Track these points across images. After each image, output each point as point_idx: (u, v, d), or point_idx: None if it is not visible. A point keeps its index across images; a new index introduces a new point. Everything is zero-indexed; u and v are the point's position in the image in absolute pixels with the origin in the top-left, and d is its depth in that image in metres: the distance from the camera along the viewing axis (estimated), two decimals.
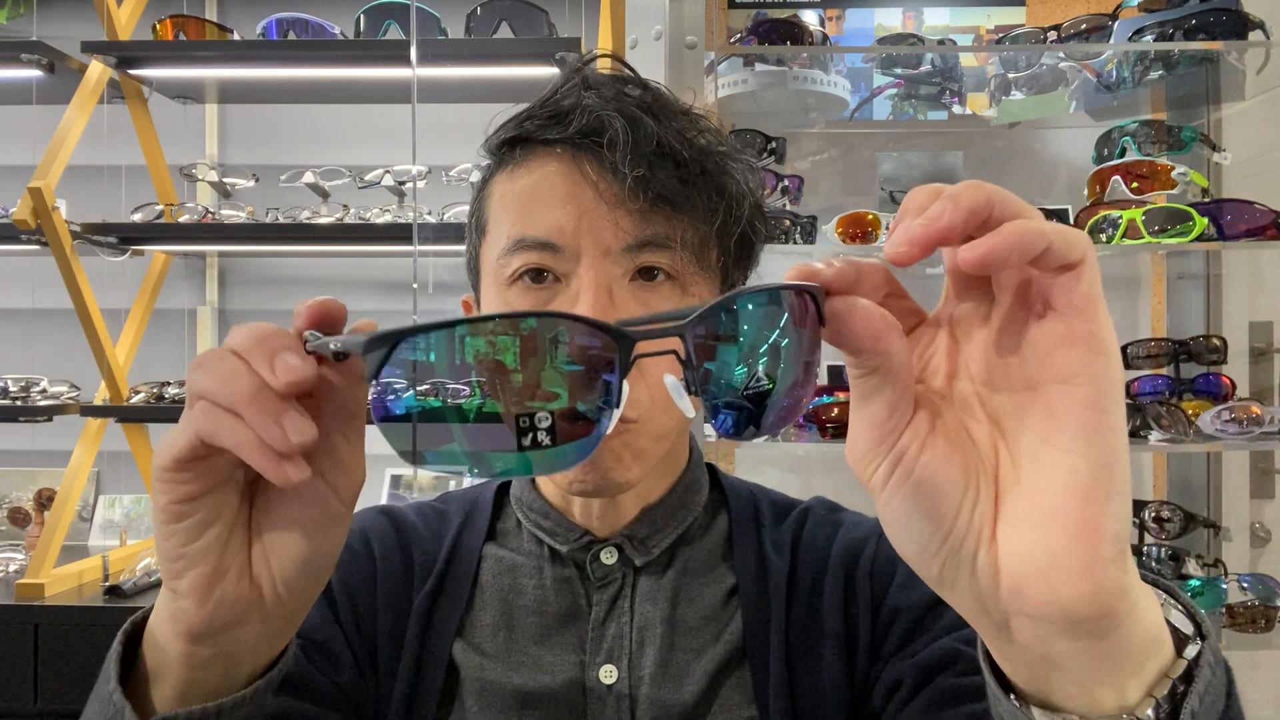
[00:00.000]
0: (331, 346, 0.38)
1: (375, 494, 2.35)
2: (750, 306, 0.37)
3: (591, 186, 0.58)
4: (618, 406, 0.36)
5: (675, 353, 0.36)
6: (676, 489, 0.70)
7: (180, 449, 0.39)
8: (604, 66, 0.67)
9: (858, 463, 0.38)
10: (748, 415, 0.38)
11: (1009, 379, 0.35)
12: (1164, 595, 0.38)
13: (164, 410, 2.05)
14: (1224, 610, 1.56)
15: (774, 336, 0.37)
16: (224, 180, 2.18)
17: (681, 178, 0.59)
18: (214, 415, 0.37)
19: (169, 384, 2.09)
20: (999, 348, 0.36)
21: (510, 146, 0.63)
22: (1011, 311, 0.36)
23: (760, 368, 0.38)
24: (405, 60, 1.83)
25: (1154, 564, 1.71)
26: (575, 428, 0.36)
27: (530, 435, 0.35)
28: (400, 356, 0.34)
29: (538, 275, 0.60)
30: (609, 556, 0.68)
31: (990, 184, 0.34)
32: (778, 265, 0.71)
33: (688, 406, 0.38)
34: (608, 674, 0.65)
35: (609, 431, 0.37)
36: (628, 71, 0.65)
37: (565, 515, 0.69)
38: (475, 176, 0.69)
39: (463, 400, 0.35)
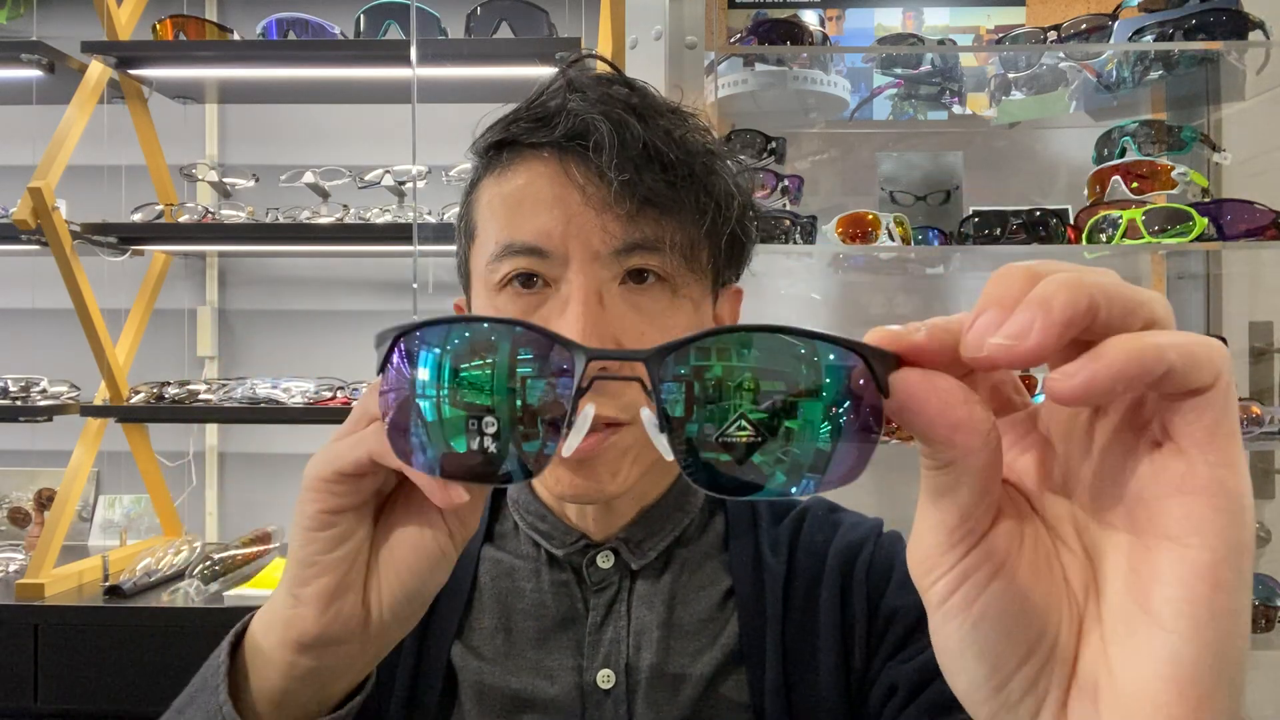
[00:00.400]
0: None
1: None
2: (748, 348, 0.30)
3: (578, 190, 0.58)
4: (569, 427, 0.34)
5: (641, 381, 0.32)
6: (673, 490, 0.70)
7: (347, 463, 0.42)
8: (599, 68, 0.67)
9: (917, 568, 0.31)
10: (730, 481, 0.31)
11: (1113, 513, 0.28)
12: None
13: (164, 410, 2.05)
14: None
15: (783, 389, 0.30)
16: (224, 180, 2.18)
17: (669, 180, 0.59)
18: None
19: (169, 384, 2.09)
20: (1102, 472, 0.28)
21: (497, 150, 0.63)
22: (1121, 429, 0.28)
23: (755, 420, 0.30)
24: (405, 60, 1.83)
25: None
26: (528, 443, 0.35)
27: (481, 446, 0.35)
28: (393, 358, 0.37)
29: (527, 280, 0.60)
30: (605, 560, 0.67)
31: (1095, 276, 0.26)
32: (778, 265, 0.71)
33: (665, 448, 0.32)
34: (605, 679, 0.65)
35: (565, 452, 0.35)
36: (614, 71, 0.65)
37: (562, 518, 0.69)
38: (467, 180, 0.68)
39: (429, 406, 0.36)
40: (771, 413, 0.30)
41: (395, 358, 0.36)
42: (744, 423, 0.30)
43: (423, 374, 0.35)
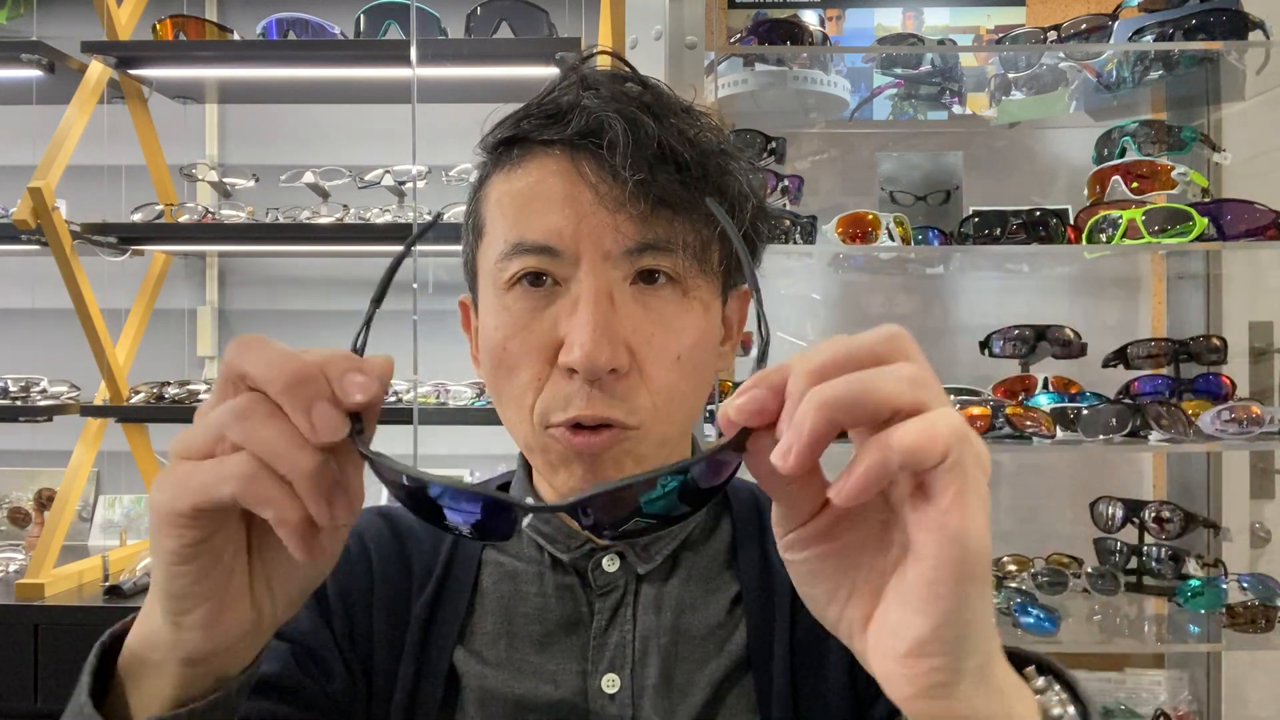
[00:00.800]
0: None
1: (375, 494, 2.35)
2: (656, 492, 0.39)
3: (590, 189, 0.57)
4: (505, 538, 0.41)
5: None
6: None
7: (203, 499, 0.38)
8: (603, 64, 0.66)
9: (779, 536, 0.42)
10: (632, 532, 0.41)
11: (906, 533, 0.38)
12: (1060, 693, 0.44)
13: (164, 410, 2.05)
14: (1224, 610, 1.56)
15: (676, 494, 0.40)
16: (224, 180, 2.18)
17: (683, 180, 0.58)
18: (264, 483, 0.37)
19: (169, 384, 2.09)
20: (898, 516, 0.39)
21: (507, 146, 0.62)
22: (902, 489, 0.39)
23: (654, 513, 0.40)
24: (405, 60, 1.83)
25: (1154, 564, 1.71)
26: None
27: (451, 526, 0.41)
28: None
29: (536, 279, 0.59)
30: (610, 564, 0.66)
31: (835, 387, 0.36)
32: (778, 265, 0.71)
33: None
34: (610, 683, 0.64)
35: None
36: (626, 68, 0.64)
37: (566, 521, 0.68)
38: (475, 176, 0.67)
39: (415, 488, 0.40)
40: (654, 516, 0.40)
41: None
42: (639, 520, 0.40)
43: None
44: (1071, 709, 0.43)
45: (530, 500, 0.69)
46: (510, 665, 0.65)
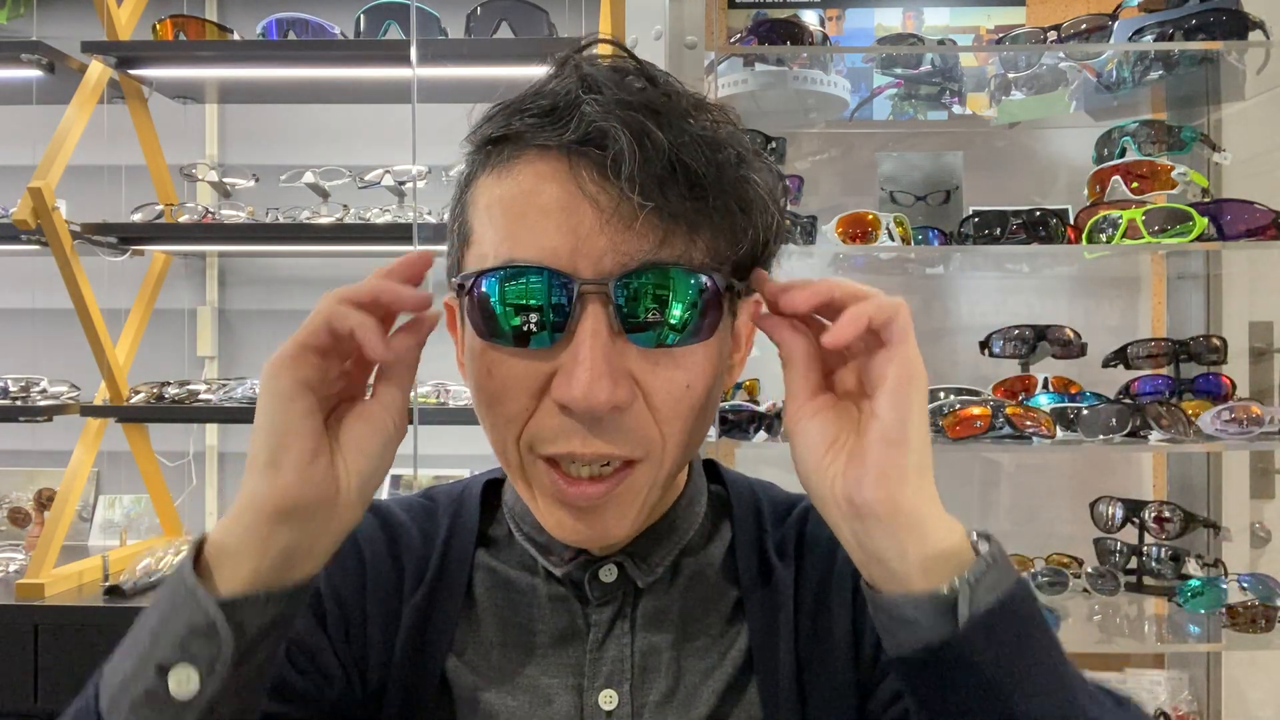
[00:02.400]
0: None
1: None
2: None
3: (591, 202, 0.51)
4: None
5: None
6: (680, 502, 0.66)
7: (309, 334, 0.51)
8: (603, 53, 0.59)
9: (791, 403, 0.56)
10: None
11: (872, 381, 0.53)
12: (976, 536, 0.53)
13: (164, 410, 2.05)
14: (1224, 610, 1.56)
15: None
16: (224, 180, 2.18)
17: (696, 195, 0.52)
18: (362, 325, 0.51)
19: (169, 384, 2.09)
20: (867, 367, 0.54)
21: (496, 145, 0.56)
22: (869, 350, 0.54)
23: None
24: (405, 60, 1.83)
25: (1154, 564, 1.71)
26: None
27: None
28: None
29: None
30: (608, 574, 0.63)
31: (846, 285, 0.54)
32: (778, 265, 0.71)
33: None
34: (607, 699, 0.61)
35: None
36: (630, 62, 0.56)
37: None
38: (459, 172, 0.61)
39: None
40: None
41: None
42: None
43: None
44: (986, 545, 0.51)
45: (527, 511, 0.66)
46: (504, 679, 0.63)
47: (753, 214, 0.56)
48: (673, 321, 0.53)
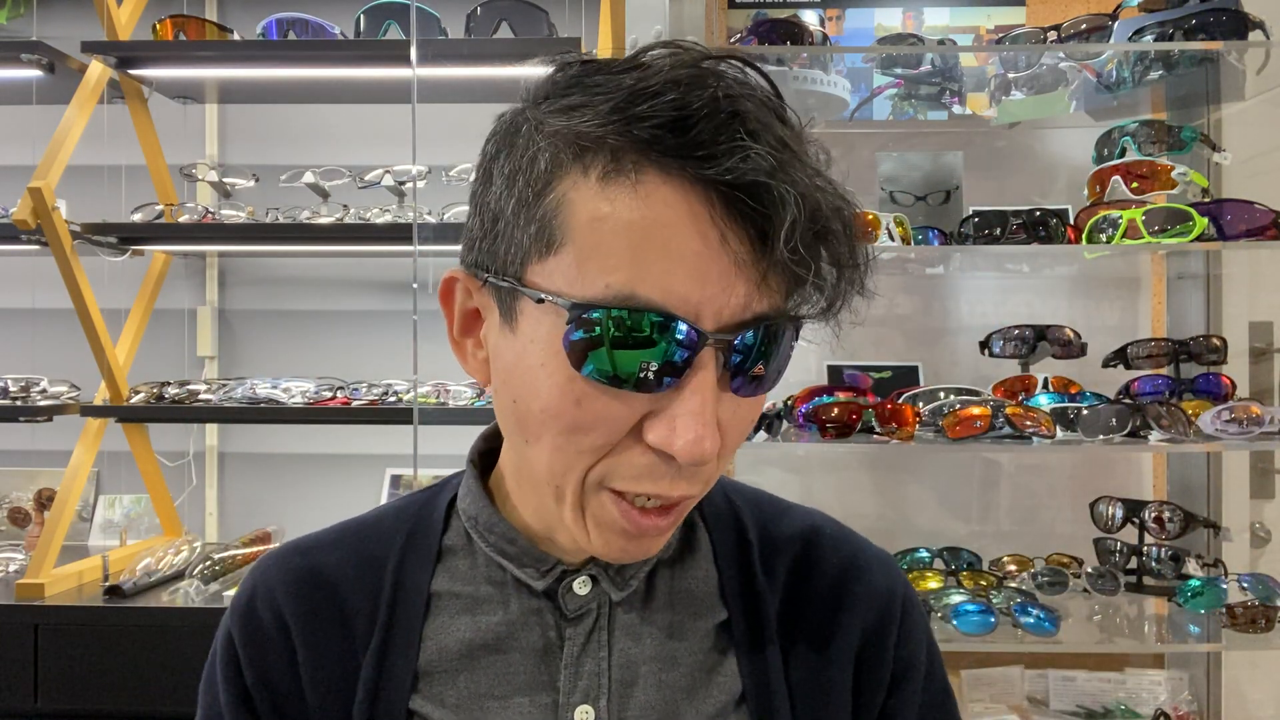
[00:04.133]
0: None
1: (374, 494, 2.35)
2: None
3: (727, 252, 0.47)
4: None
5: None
6: None
7: None
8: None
9: None
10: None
11: None
12: None
13: (164, 410, 2.05)
14: (1224, 610, 1.56)
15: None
16: (224, 180, 2.18)
17: (831, 248, 0.50)
18: None
19: (169, 384, 2.09)
20: None
21: (610, 151, 0.48)
22: None
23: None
24: (405, 60, 1.83)
25: (1154, 564, 1.71)
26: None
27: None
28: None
29: None
30: (583, 586, 0.61)
31: None
32: None
33: None
34: (584, 714, 0.59)
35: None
36: (761, 80, 0.51)
37: (533, 542, 0.62)
38: (537, 160, 0.52)
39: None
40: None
41: None
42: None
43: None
44: None
45: (494, 520, 0.63)
46: (473, 704, 0.59)
47: (861, 262, 0.52)
48: (771, 373, 0.52)
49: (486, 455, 0.69)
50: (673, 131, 0.46)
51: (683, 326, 0.48)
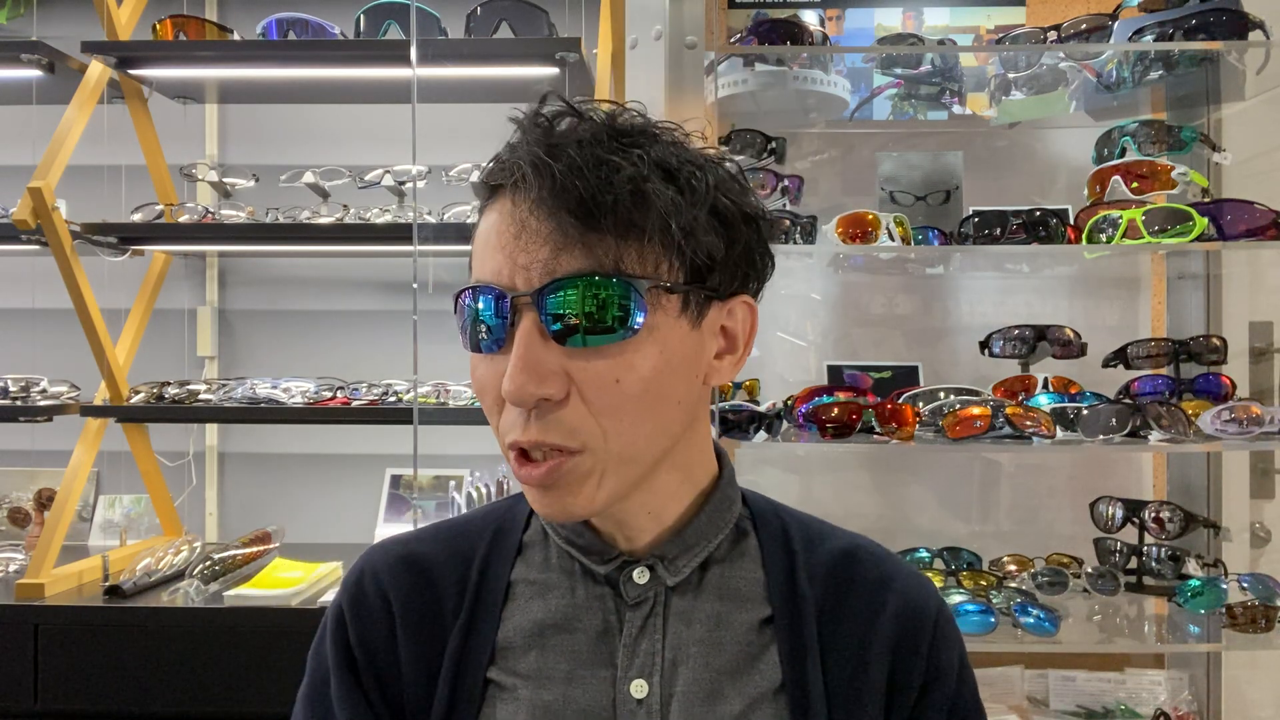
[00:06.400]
0: None
1: (375, 494, 2.35)
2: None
3: (518, 226, 0.60)
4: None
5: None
6: (706, 508, 0.71)
7: None
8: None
9: None
10: None
11: None
12: None
13: (164, 410, 2.05)
14: (1224, 610, 1.56)
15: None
16: (224, 180, 2.18)
17: (586, 213, 0.58)
18: None
19: (169, 384, 2.09)
20: None
21: (488, 191, 0.65)
22: None
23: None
24: (405, 60, 1.83)
25: (1154, 564, 1.71)
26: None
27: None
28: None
29: None
30: (641, 576, 0.68)
31: None
32: (778, 265, 0.70)
33: None
34: (639, 688, 0.66)
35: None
36: (569, 106, 0.64)
37: (598, 535, 0.70)
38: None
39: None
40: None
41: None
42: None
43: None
44: None
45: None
46: (540, 675, 0.67)
47: (651, 229, 0.60)
48: (585, 324, 0.59)
49: None
50: (506, 164, 0.62)
51: (493, 291, 0.61)
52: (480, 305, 0.61)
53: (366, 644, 0.70)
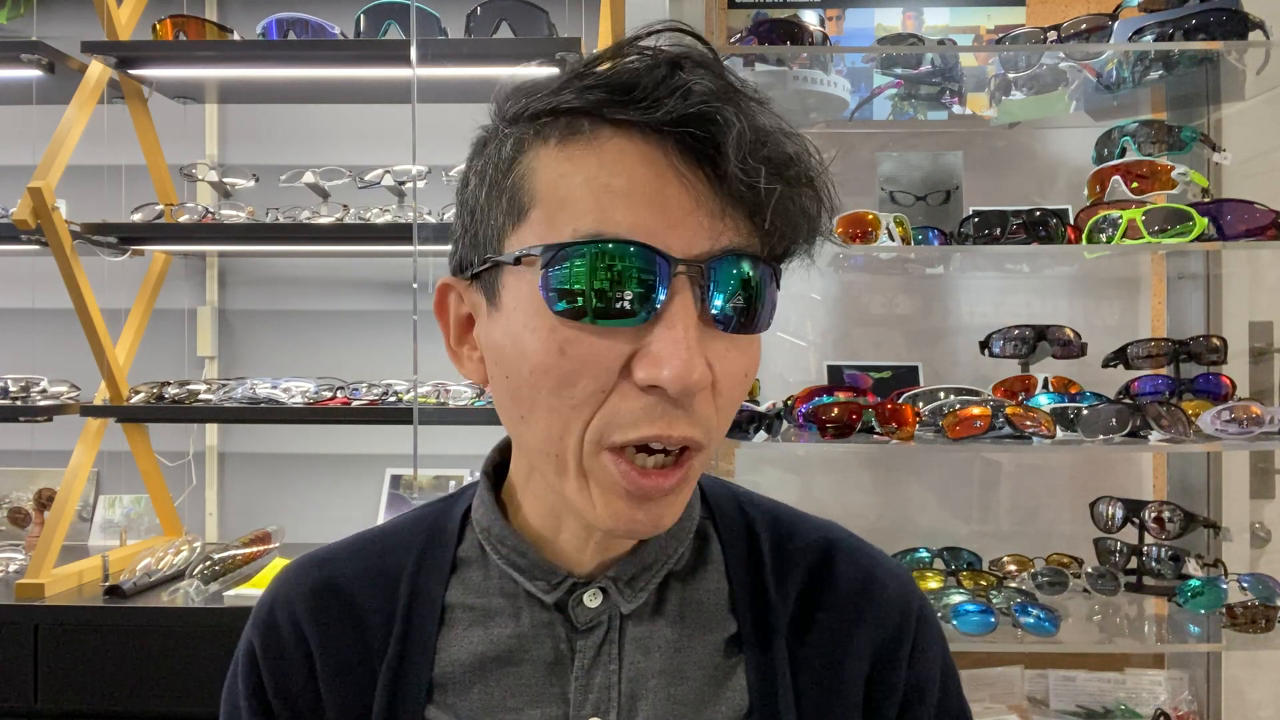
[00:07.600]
0: None
1: (375, 494, 2.35)
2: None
3: (683, 184, 0.50)
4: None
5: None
6: None
7: None
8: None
9: None
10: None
11: None
12: None
13: (164, 410, 2.05)
14: (1224, 610, 1.56)
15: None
16: (224, 180, 2.18)
17: (788, 180, 0.51)
18: None
19: (169, 384, 2.09)
20: None
21: (568, 118, 0.52)
22: None
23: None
24: (405, 60, 1.83)
25: (1154, 564, 1.71)
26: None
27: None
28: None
29: None
30: (593, 599, 0.61)
31: None
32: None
33: None
34: None
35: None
36: (702, 47, 0.52)
37: (543, 555, 0.62)
38: (500, 147, 0.57)
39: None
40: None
41: None
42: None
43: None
44: None
45: (506, 532, 0.63)
46: (486, 716, 0.59)
47: (801, 224, 0.54)
48: (750, 309, 0.53)
49: (500, 469, 0.68)
50: (617, 90, 0.50)
51: (650, 253, 0.49)
52: (619, 264, 0.49)
53: (282, 688, 0.62)
